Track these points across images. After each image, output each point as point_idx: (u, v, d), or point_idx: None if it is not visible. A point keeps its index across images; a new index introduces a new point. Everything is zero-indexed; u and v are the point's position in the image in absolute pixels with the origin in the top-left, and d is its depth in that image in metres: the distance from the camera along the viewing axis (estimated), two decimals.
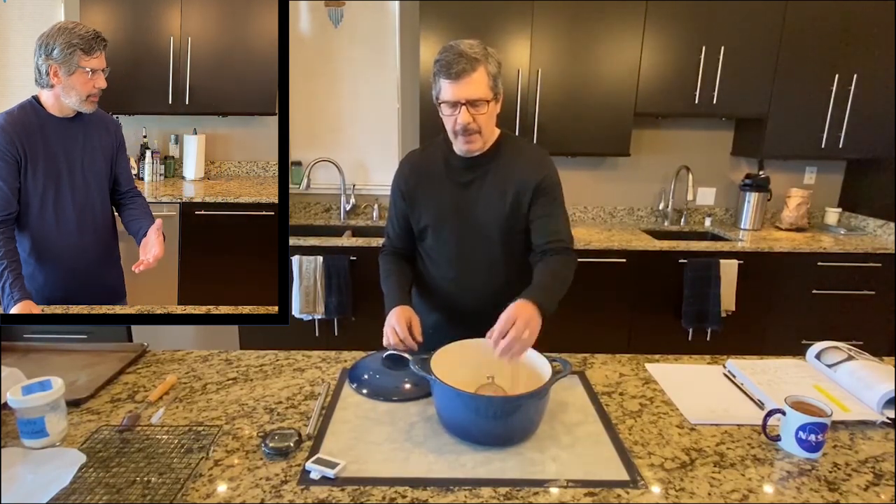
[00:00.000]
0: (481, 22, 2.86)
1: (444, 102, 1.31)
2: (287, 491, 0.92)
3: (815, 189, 3.40)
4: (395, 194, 1.53)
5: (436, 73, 1.31)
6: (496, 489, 0.93)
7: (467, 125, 1.31)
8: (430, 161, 1.48)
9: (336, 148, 3.36)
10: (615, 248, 2.87)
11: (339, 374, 1.36)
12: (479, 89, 1.28)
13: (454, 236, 1.47)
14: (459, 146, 1.38)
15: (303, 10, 3.19)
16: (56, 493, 0.89)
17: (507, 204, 1.42)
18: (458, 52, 1.27)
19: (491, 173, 1.43)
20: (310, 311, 2.88)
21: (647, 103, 2.99)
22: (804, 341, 1.54)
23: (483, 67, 1.28)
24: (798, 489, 0.95)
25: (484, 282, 1.49)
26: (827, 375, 1.33)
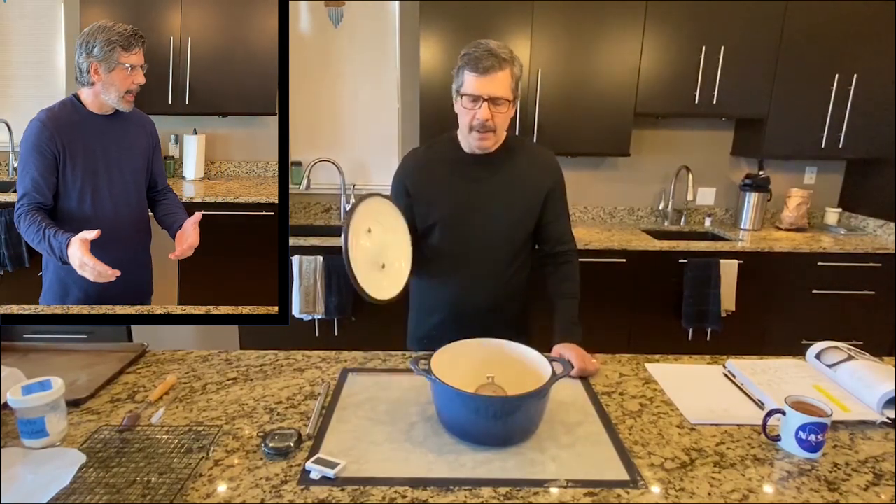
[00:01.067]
0: (481, 22, 2.86)
1: (467, 95, 1.32)
2: (287, 491, 0.92)
3: (815, 189, 3.40)
4: (397, 189, 1.51)
5: (461, 66, 1.33)
6: (496, 489, 0.93)
7: (486, 121, 1.33)
8: (438, 158, 1.48)
9: (336, 148, 3.36)
10: (615, 248, 2.87)
11: (339, 374, 1.36)
12: (503, 88, 1.31)
13: (464, 234, 1.47)
14: (472, 142, 1.39)
15: (303, 10, 3.19)
16: (56, 493, 0.89)
17: (521, 205, 1.46)
18: (489, 48, 1.30)
19: (502, 173, 1.45)
20: (310, 311, 2.88)
21: (647, 103, 2.99)
22: (804, 341, 1.54)
23: (509, 69, 1.31)
24: (798, 489, 0.95)
25: (489, 280, 1.49)
26: (827, 375, 1.33)
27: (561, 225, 1.52)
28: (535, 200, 1.48)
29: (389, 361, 1.43)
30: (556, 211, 1.51)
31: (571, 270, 1.52)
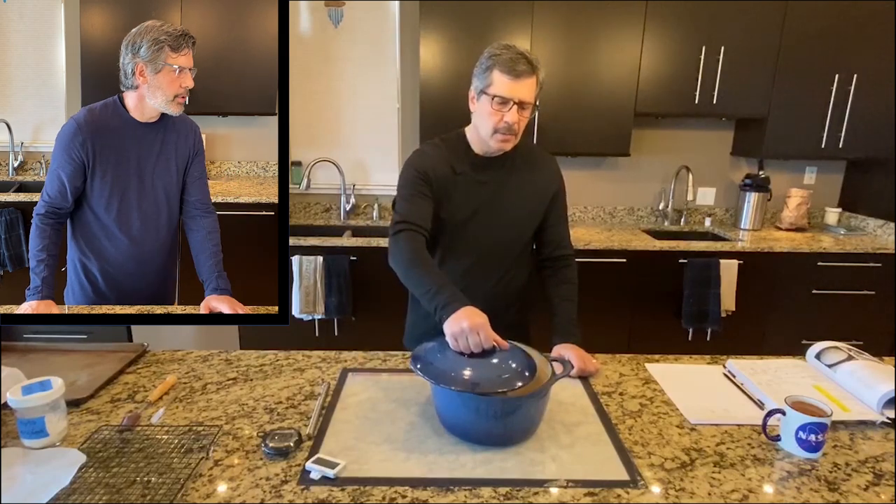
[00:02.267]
0: (481, 22, 2.86)
1: (498, 97, 1.31)
2: (287, 491, 0.92)
3: (815, 189, 3.40)
4: (416, 175, 1.42)
5: (490, 67, 1.31)
6: (496, 489, 0.93)
7: (513, 124, 1.33)
8: (451, 156, 1.45)
9: (336, 148, 3.36)
10: (615, 247, 2.87)
11: (339, 374, 1.36)
12: (531, 93, 1.33)
13: (468, 234, 1.47)
14: (493, 144, 1.38)
15: (303, 10, 3.19)
16: (56, 493, 0.89)
17: (526, 208, 1.48)
18: (520, 52, 1.31)
19: (509, 175, 1.46)
20: (310, 311, 2.88)
21: (647, 103, 2.99)
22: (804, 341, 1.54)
23: (536, 75, 1.33)
24: (798, 489, 0.95)
25: (490, 281, 1.50)
26: (827, 375, 1.33)
27: (561, 229, 1.54)
28: (540, 204, 1.50)
29: (389, 361, 1.43)
30: (557, 215, 1.53)
31: (570, 273, 1.54)
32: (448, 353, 1.12)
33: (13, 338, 1.72)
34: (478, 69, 1.35)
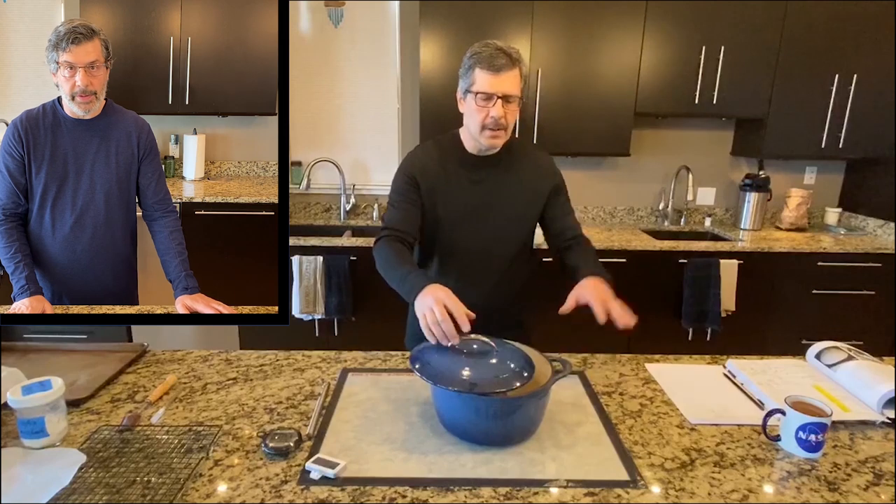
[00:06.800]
0: (481, 22, 2.86)
1: (480, 94, 1.32)
2: (287, 491, 0.92)
3: (815, 189, 3.40)
4: (405, 181, 1.45)
5: (471, 66, 1.33)
6: (496, 489, 0.93)
7: (499, 119, 1.33)
8: (445, 156, 1.46)
9: (336, 148, 3.36)
10: (615, 247, 2.87)
11: (339, 374, 1.36)
12: (514, 86, 1.33)
13: (465, 233, 1.47)
14: (483, 141, 1.38)
15: (303, 10, 3.19)
16: (56, 493, 0.89)
17: (522, 207, 1.48)
18: (499, 47, 1.32)
19: (504, 174, 1.46)
20: (310, 311, 2.88)
21: (647, 103, 2.99)
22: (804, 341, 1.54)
23: (518, 68, 1.33)
24: (798, 489, 0.95)
25: (489, 280, 1.50)
26: (827, 375, 1.33)
27: (568, 219, 1.53)
28: (536, 201, 1.49)
29: (389, 361, 1.43)
30: (561, 208, 1.53)
31: (586, 243, 1.51)
32: (447, 353, 1.12)
33: (13, 338, 1.71)
34: (461, 70, 1.37)
